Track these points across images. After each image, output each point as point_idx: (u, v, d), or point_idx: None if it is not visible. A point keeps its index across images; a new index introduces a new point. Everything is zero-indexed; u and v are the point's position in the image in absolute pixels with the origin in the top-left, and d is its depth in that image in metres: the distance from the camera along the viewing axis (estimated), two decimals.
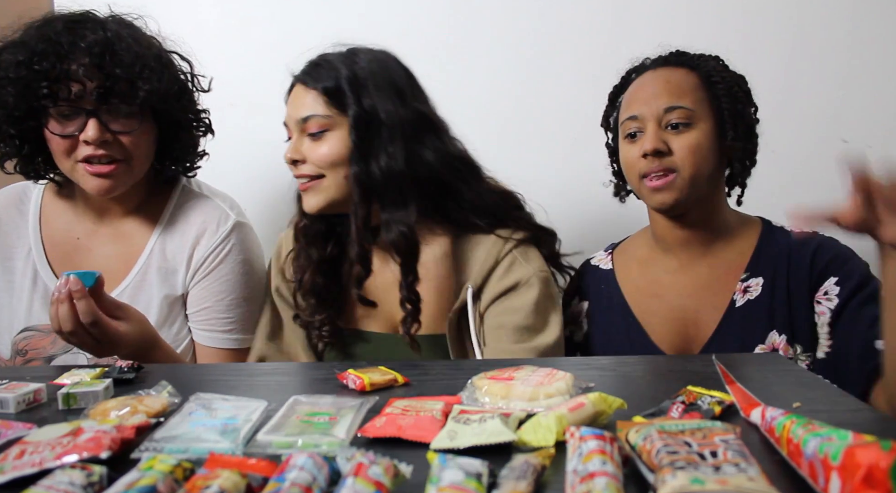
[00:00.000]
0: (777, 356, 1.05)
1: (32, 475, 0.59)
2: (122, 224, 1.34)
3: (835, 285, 1.16)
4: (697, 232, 1.24)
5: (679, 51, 1.28)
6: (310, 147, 1.20)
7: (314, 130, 1.20)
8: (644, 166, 1.19)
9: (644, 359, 1.14)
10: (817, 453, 0.55)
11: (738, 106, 1.23)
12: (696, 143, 1.18)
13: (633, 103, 1.23)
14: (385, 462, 0.55)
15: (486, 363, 1.04)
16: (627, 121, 1.22)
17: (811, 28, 1.70)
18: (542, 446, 0.64)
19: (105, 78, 1.18)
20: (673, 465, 0.53)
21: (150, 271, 1.31)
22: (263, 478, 0.56)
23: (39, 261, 1.32)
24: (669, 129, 1.19)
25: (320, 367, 1.01)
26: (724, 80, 1.23)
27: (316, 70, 1.22)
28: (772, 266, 1.21)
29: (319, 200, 1.22)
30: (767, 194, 1.45)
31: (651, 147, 1.17)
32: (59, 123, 1.20)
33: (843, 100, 1.70)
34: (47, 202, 1.37)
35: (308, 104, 1.20)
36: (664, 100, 1.19)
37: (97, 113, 1.19)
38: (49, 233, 1.35)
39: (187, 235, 1.32)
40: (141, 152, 1.26)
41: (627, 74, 1.32)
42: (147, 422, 0.71)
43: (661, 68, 1.25)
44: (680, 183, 1.18)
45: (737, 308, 1.21)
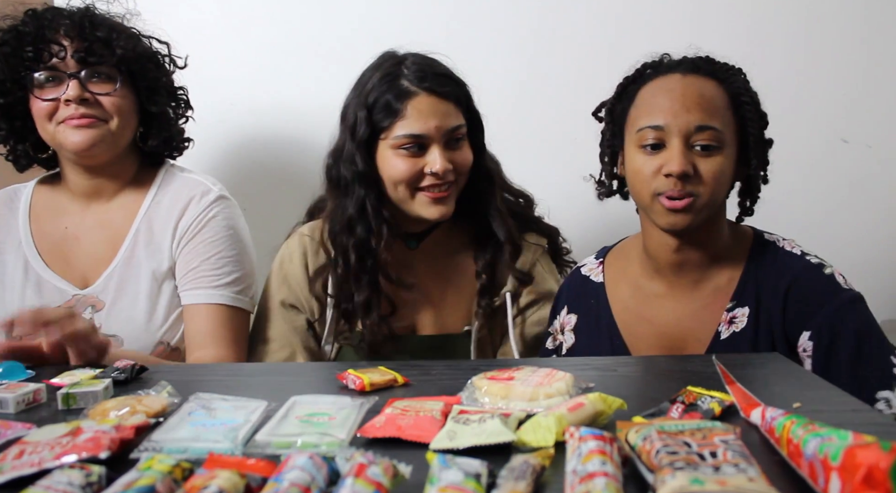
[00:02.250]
0: (777, 356, 1.04)
1: (31, 475, 0.59)
2: (109, 209, 1.38)
3: (808, 340, 1.10)
4: (693, 255, 1.17)
5: (709, 57, 1.18)
6: (454, 155, 1.25)
7: (458, 138, 1.26)
8: (663, 185, 1.09)
9: (644, 359, 1.13)
10: (817, 453, 0.54)
11: (761, 133, 1.16)
12: (720, 169, 1.10)
13: (655, 111, 1.12)
14: (384, 462, 0.55)
15: (486, 364, 1.04)
16: (648, 129, 1.11)
17: (811, 28, 1.70)
18: (541, 446, 0.64)
19: (84, 40, 1.27)
20: (672, 465, 0.53)
21: (137, 248, 1.35)
22: (262, 478, 0.56)
23: (30, 253, 1.36)
24: (698, 149, 1.09)
25: (320, 367, 1.01)
26: (753, 102, 1.15)
27: (442, 81, 1.26)
28: (756, 295, 1.15)
29: (453, 205, 1.27)
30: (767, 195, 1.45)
31: (679, 170, 1.07)
32: (41, 88, 1.28)
33: (843, 100, 1.70)
34: (37, 199, 1.42)
35: (452, 114, 1.25)
36: (696, 116, 1.09)
37: (78, 76, 1.27)
38: (38, 226, 1.39)
39: (173, 208, 1.36)
40: (121, 113, 1.31)
41: (643, 68, 1.21)
42: (146, 422, 0.71)
43: (692, 76, 1.14)
44: (699, 207, 1.09)
45: (721, 341, 1.15)
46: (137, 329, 1.30)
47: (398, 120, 1.23)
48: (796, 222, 1.29)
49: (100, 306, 1.32)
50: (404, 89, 1.24)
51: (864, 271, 1.44)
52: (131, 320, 1.31)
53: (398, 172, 1.24)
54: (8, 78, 1.27)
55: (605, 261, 1.31)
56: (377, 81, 1.26)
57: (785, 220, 1.29)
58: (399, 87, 1.24)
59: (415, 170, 1.23)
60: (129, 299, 1.32)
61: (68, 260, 1.36)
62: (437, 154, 1.23)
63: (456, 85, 1.28)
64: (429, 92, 1.24)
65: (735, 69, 1.18)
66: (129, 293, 1.32)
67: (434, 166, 1.22)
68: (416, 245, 1.35)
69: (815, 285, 1.11)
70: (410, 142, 1.23)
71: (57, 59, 1.27)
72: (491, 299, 1.31)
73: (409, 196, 1.26)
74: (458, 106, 1.27)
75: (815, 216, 1.69)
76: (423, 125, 1.22)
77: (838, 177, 1.72)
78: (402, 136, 1.23)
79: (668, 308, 1.20)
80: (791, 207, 1.60)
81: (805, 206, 1.68)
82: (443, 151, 1.23)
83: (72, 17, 1.29)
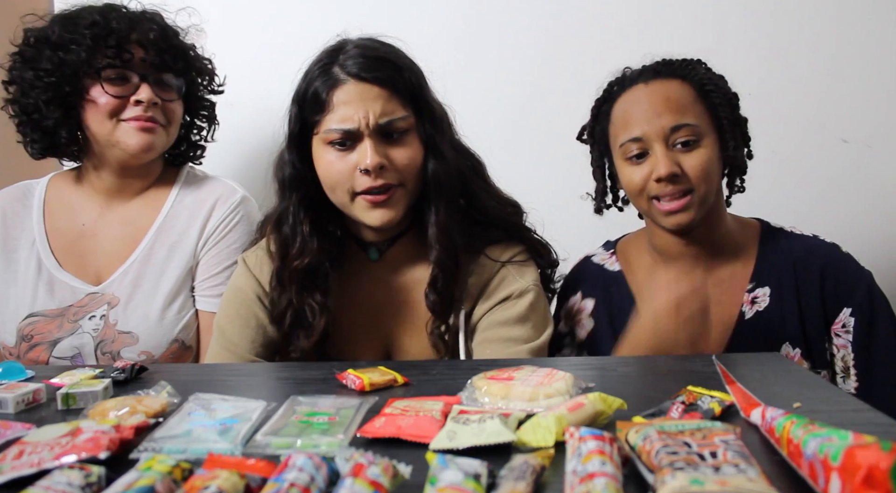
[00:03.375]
0: (777, 356, 1.04)
1: (31, 476, 0.59)
2: (130, 208, 1.40)
3: (850, 316, 1.15)
4: (702, 247, 1.22)
5: (665, 60, 1.22)
6: (392, 151, 1.11)
7: (398, 131, 1.11)
8: (656, 190, 1.15)
9: (644, 359, 1.13)
10: (817, 453, 0.54)
11: (735, 113, 1.20)
12: (706, 160, 1.14)
13: (631, 123, 1.17)
14: (384, 463, 0.55)
15: (486, 364, 1.04)
16: (629, 143, 1.17)
17: (811, 27, 1.70)
18: (541, 446, 0.64)
19: (167, 49, 1.33)
20: (672, 465, 0.53)
21: (157, 246, 1.37)
22: (262, 479, 0.56)
23: (43, 250, 1.37)
24: (678, 147, 1.14)
25: (320, 367, 1.01)
26: (718, 88, 1.19)
27: (376, 65, 1.10)
28: (777, 274, 1.19)
29: (399, 211, 1.12)
30: (767, 195, 1.45)
31: (666, 172, 1.12)
32: (111, 84, 1.30)
33: (843, 99, 1.70)
34: (51, 195, 1.43)
35: (388, 103, 1.10)
36: (668, 118, 1.14)
37: (148, 79, 1.32)
38: (53, 223, 1.40)
39: (200, 207, 1.39)
40: (175, 122, 1.38)
41: (609, 87, 1.26)
42: (146, 422, 0.71)
43: (654, 82, 1.19)
44: (697, 202, 1.14)
45: (746, 321, 1.19)
46: (152, 326, 1.32)
47: (326, 113, 1.10)
48: (796, 222, 1.29)
49: (115, 302, 1.33)
50: (333, 78, 1.10)
51: None
52: (146, 317, 1.32)
53: (331, 174, 1.11)
54: (82, 64, 1.28)
55: (617, 251, 1.34)
56: (311, 70, 1.14)
57: (785, 219, 1.30)
58: (328, 75, 1.11)
59: (347, 168, 1.10)
60: (145, 296, 1.33)
61: (83, 257, 1.37)
62: (367, 148, 1.08)
63: (396, 71, 1.12)
64: (358, 79, 1.09)
65: (694, 62, 1.23)
66: (145, 290, 1.34)
67: (363, 162, 1.08)
68: (378, 257, 1.21)
69: (845, 264, 1.18)
70: (338, 136, 1.09)
71: (138, 61, 1.30)
72: (441, 324, 1.16)
73: (348, 200, 1.12)
74: (397, 94, 1.11)
75: (815, 216, 1.68)
76: (350, 118, 1.08)
77: (838, 177, 1.71)
78: (329, 129, 1.10)
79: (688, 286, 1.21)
80: (791, 207, 1.60)
81: (805, 206, 1.68)
82: (376, 146, 1.08)
83: (156, 20, 1.34)
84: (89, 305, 1.33)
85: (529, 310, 1.16)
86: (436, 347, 1.17)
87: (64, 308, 1.33)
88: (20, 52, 1.31)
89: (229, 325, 1.19)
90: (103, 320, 1.31)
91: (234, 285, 1.23)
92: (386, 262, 1.21)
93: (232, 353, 1.18)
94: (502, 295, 1.17)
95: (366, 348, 1.21)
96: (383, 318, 1.21)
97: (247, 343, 1.18)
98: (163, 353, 1.31)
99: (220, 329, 1.20)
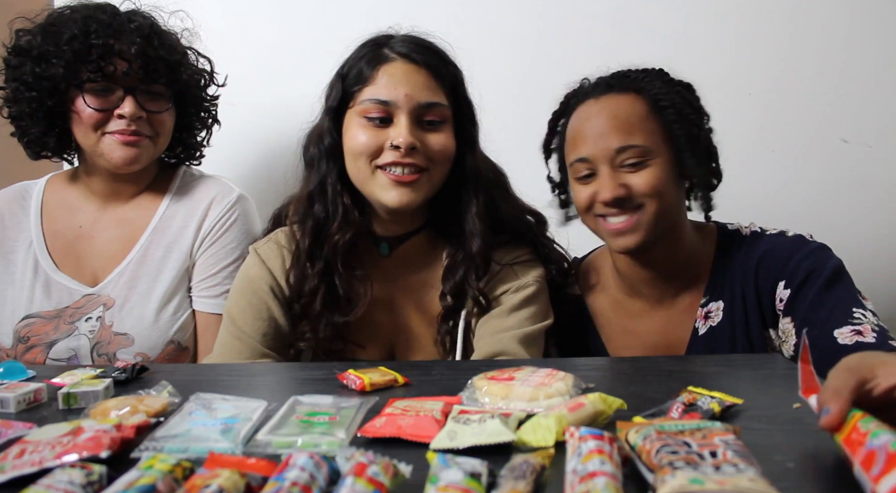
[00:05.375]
0: (777, 357, 1.04)
1: (32, 475, 0.59)
2: (126, 209, 1.39)
3: (784, 288, 1.11)
4: (661, 268, 1.19)
5: (620, 72, 1.19)
6: (426, 136, 1.11)
7: (435, 119, 1.12)
8: (601, 210, 1.12)
9: (644, 359, 1.14)
10: (888, 445, 0.53)
11: (692, 130, 1.14)
12: (655, 180, 1.09)
13: (579, 143, 1.14)
14: (384, 462, 0.55)
15: (487, 364, 1.04)
16: (577, 163, 1.13)
17: (810, 27, 1.70)
18: (541, 446, 0.64)
19: (151, 60, 1.28)
20: (672, 465, 0.53)
21: (153, 247, 1.36)
22: (263, 478, 0.56)
23: (40, 252, 1.36)
24: (626, 168, 1.10)
25: (320, 367, 1.01)
26: (673, 104, 1.13)
27: (433, 54, 1.14)
28: (729, 286, 1.16)
29: (419, 196, 1.11)
30: (768, 195, 1.45)
31: (609, 196, 1.09)
32: (95, 96, 1.27)
33: (843, 99, 1.70)
34: (49, 197, 1.42)
35: (430, 88, 1.11)
36: (614, 139, 1.09)
37: (134, 91, 1.28)
38: (50, 225, 1.39)
39: (195, 208, 1.37)
40: (164, 132, 1.35)
41: (566, 99, 1.23)
42: (147, 422, 0.71)
43: (605, 97, 1.15)
44: (645, 222, 1.10)
45: (700, 336, 1.17)
46: (148, 328, 1.31)
47: (367, 85, 1.11)
48: (795, 222, 1.29)
49: (110, 303, 1.32)
50: (381, 55, 1.12)
51: (864, 271, 1.43)
52: (142, 318, 1.31)
53: (358, 143, 1.11)
54: (62, 80, 1.25)
55: (579, 272, 1.31)
56: (357, 50, 1.16)
57: (784, 219, 1.29)
58: (376, 53, 1.13)
59: (377, 142, 1.09)
60: (140, 297, 1.32)
61: (80, 259, 1.36)
62: (402, 126, 1.08)
63: (442, 62, 1.15)
64: (406, 59, 1.11)
65: (652, 73, 1.18)
66: (140, 291, 1.33)
67: (397, 138, 1.08)
68: (389, 252, 1.20)
69: (782, 247, 1.13)
70: (375, 108, 1.10)
71: (120, 74, 1.26)
72: (451, 319, 1.16)
73: (368, 174, 1.11)
74: (440, 83, 1.13)
75: (814, 216, 1.69)
76: (392, 91, 1.09)
77: (838, 177, 1.72)
78: (367, 99, 1.10)
79: (649, 319, 1.21)
80: (791, 207, 1.60)
81: (805, 206, 1.68)
82: (411, 125, 1.09)
83: (140, 31, 1.28)
84: (86, 306, 1.32)
85: (525, 301, 1.16)
86: (443, 344, 1.17)
87: (60, 310, 1.32)
88: (5, 60, 1.30)
89: (241, 315, 1.17)
90: (99, 322, 1.31)
91: (246, 276, 1.21)
92: (396, 259, 1.21)
93: (243, 343, 1.15)
94: (500, 290, 1.17)
95: (370, 345, 1.20)
96: (389, 314, 1.21)
97: (258, 335, 1.15)
98: (159, 354, 1.31)
99: (231, 319, 1.18)
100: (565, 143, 1.19)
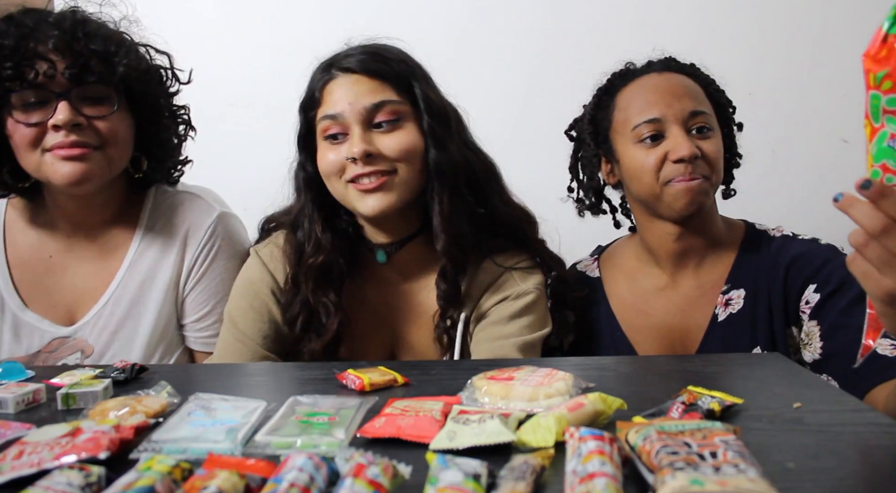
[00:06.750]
0: (777, 356, 1.04)
1: (31, 476, 0.59)
2: (99, 236, 1.23)
3: (814, 292, 1.13)
4: (694, 242, 1.21)
5: (672, 57, 1.25)
6: (382, 138, 1.11)
7: (388, 119, 1.11)
8: (672, 172, 1.14)
9: (644, 359, 1.14)
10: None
11: (733, 116, 1.24)
12: (719, 149, 1.17)
13: (648, 106, 1.16)
14: (384, 463, 0.55)
15: (486, 364, 1.04)
16: (644, 124, 1.15)
17: (811, 27, 1.70)
18: (541, 446, 0.64)
19: (77, 55, 1.08)
20: (672, 465, 0.53)
21: (131, 284, 1.21)
22: (262, 479, 0.56)
23: (5, 288, 1.20)
24: (695, 133, 1.15)
25: (320, 367, 1.01)
26: (720, 91, 1.23)
27: (373, 59, 1.14)
28: (753, 277, 1.18)
29: (392, 199, 1.11)
30: (767, 194, 1.45)
31: (689, 153, 1.11)
32: (23, 111, 1.08)
33: (843, 99, 1.70)
34: (11, 221, 1.24)
35: (375, 91, 1.12)
36: (689, 103, 1.15)
37: (68, 96, 1.08)
38: (16, 255, 1.22)
39: (173, 236, 1.24)
40: (117, 140, 1.14)
41: (614, 77, 1.26)
42: (146, 422, 0.71)
43: (667, 73, 1.21)
44: (709, 188, 1.16)
45: (719, 323, 1.19)
46: None
47: (319, 106, 1.14)
48: (795, 222, 1.29)
49: (89, 351, 1.19)
50: (327, 75, 1.14)
51: None
52: None
53: (325, 164, 1.13)
54: None
55: (601, 258, 1.35)
56: (311, 77, 1.18)
57: (784, 219, 1.30)
58: (323, 75, 1.15)
59: (339, 158, 1.11)
60: (122, 345, 1.20)
61: (51, 294, 1.21)
62: (354, 136, 1.09)
63: (384, 61, 1.14)
64: (347, 71, 1.13)
65: (694, 65, 1.26)
66: (123, 338, 1.20)
67: (350, 150, 1.09)
68: (386, 259, 1.20)
69: (817, 252, 1.16)
70: (328, 126, 1.12)
71: (44, 78, 1.06)
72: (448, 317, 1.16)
73: (343, 190, 1.13)
74: (387, 82, 1.12)
75: (814, 216, 1.68)
76: (337, 104, 1.11)
77: (838, 177, 1.71)
78: (321, 119, 1.13)
79: (667, 299, 1.24)
80: (790, 207, 1.60)
81: (805, 206, 1.68)
82: (362, 133, 1.09)
83: (60, 25, 1.08)
84: (60, 351, 1.18)
85: (524, 309, 1.16)
86: (440, 340, 1.17)
87: (32, 355, 1.18)
88: None
89: (241, 317, 1.18)
90: None
91: (246, 278, 1.22)
92: (394, 265, 1.21)
93: (244, 345, 1.16)
94: (500, 297, 1.17)
95: (371, 348, 1.21)
96: (389, 319, 1.22)
97: (259, 338, 1.16)
98: None
99: (231, 321, 1.18)
100: (616, 113, 1.22)
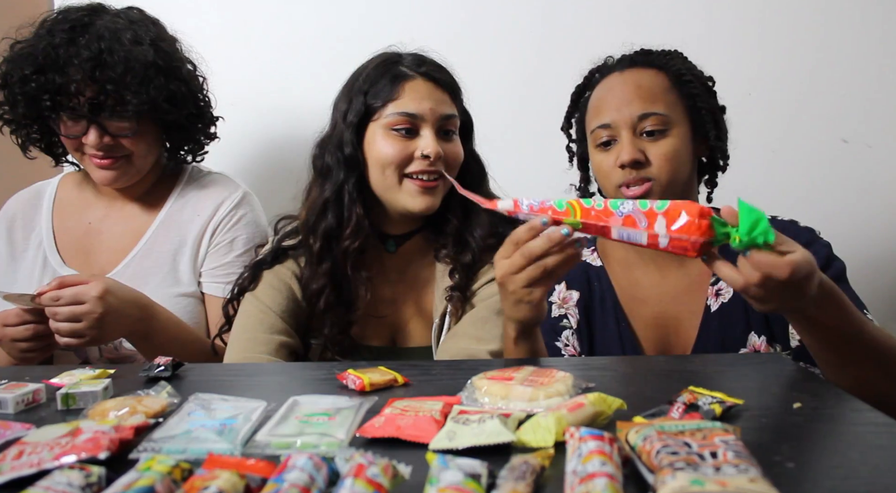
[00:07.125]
0: (777, 356, 1.05)
1: (31, 476, 0.59)
2: (133, 206, 1.45)
3: None
4: None
5: (644, 49, 1.25)
6: (446, 146, 1.22)
7: (451, 129, 1.24)
8: (620, 177, 1.16)
9: (644, 359, 1.14)
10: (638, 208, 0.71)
11: (712, 102, 1.22)
12: (672, 150, 1.15)
13: (603, 110, 1.20)
14: (383, 463, 0.54)
15: (486, 363, 1.04)
16: (599, 129, 1.19)
17: (810, 27, 1.70)
18: (541, 446, 0.64)
19: (97, 92, 1.27)
20: (673, 466, 0.53)
21: (159, 240, 1.40)
22: (262, 479, 0.56)
23: (49, 248, 1.42)
24: (645, 136, 1.16)
25: (320, 367, 1.01)
26: (697, 78, 1.21)
27: (439, 69, 1.26)
28: None
29: (438, 200, 1.23)
30: (767, 194, 1.45)
31: (628, 158, 1.14)
32: (65, 125, 1.32)
33: (843, 99, 1.70)
34: (61, 196, 1.49)
35: (447, 103, 1.23)
36: (637, 106, 1.16)
37: (96, 119, 1.29)
38: (61, 222, 1.45)
39: (202, 206, 1.42)
40: (141, 151, 1.36)
41: (590, 74, 1.29)
42: (146, 422, 0.71)
43: (629, 70, 1.21)
44: (657, 191, 1.15)
45: (712, 313, 1.19)
46: None
47: (392, 101, 1.21)
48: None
49: None
50: (401, 73, 1.22)
51: (864, 271, 1.43)
52: None
53: (387, 154, 1.20)
54: (34, 116, 1.32)
55: (598, 247, 1.35)
56: (373, 69, 1.24)
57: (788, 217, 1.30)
58: (396, 71, 1.23)
59: (405, 152, 1.19)
60: (147, 290, 1.31)
61: (89, 254, 1.41)
62: (429, 137, 1.19)
63: (452, 78, 1.27)
64: (426, 77, 1.23)
65: (673, 53, 1.25)
66: (147, 283, 1.34)
67: (426, 149, 1.18)
68: (395, 249, 1.29)
69: (798, 234, 1.14)
70: (403, 121, 1.20)
71: (74, 104, 1.27)
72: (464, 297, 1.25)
73: (396, 182, 1.21)
74: (453, 98, 1.26)
75: (814, 216, 1.68)
76: (418, 105, 1.20)
77: (838, 177, 1.72)
78: (396, 113, 1.20)
79: (660, 289, 1.25)
80: (790, 207, 1.59)
81: (805, 205, 1.68)
82: (435, 137, 1.20)
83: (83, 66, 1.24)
84: None
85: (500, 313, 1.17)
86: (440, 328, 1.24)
87: None
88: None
89: (263, 292, 1.25)
90: None
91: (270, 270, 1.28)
92: (400, 255, 1.30)
93: (265, 314, 1.22)
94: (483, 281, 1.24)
95: (374, 334, 1.29)
96: (393, 306, 1.30)
97: (279, 309, 1.23)
98: None
99: (253, 295, 1.25)
100: (587, 113, 1.25)
